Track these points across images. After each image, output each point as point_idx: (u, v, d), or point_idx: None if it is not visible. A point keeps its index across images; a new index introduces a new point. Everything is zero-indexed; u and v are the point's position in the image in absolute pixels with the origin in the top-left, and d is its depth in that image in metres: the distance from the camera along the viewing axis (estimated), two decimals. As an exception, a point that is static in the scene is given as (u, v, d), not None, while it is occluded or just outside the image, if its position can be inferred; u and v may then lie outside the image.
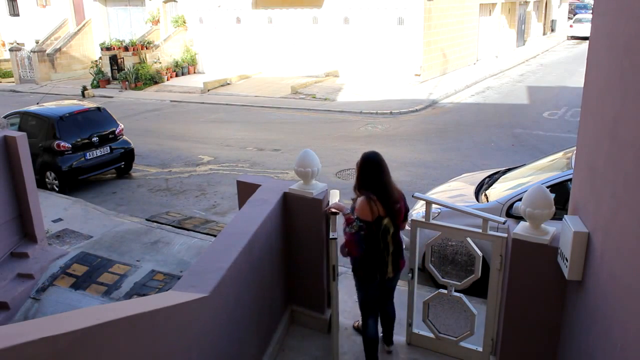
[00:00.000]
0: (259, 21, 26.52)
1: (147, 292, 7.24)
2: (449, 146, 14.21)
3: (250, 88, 24.09)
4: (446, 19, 24.65)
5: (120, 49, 27.04)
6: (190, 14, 28.44)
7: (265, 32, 26.47)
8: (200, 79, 25.74)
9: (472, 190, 7.59)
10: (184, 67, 28.29)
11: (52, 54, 30.29)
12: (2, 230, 7.88)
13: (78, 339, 2.78)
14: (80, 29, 31.74)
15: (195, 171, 13.01)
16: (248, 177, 6.62)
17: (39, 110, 13.05)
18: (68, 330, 2.75)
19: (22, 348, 2.50)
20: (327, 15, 24.75)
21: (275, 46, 26.33)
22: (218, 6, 27.24)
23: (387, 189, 4.84)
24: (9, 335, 2.64)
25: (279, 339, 5.53)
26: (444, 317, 5.30)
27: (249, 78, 26.35)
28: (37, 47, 30.32)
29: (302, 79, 24.58)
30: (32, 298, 7.51)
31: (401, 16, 23.11)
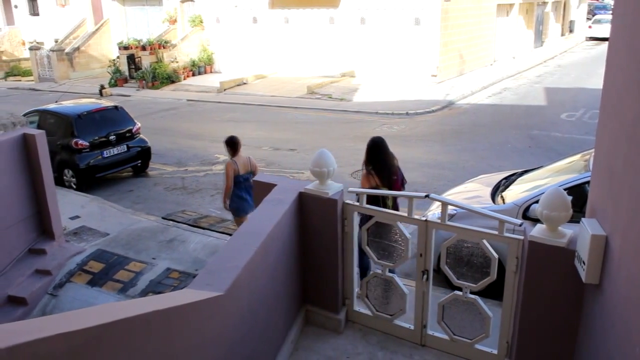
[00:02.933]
0: (275, 21, 26.57)
1: (163, 290, 7.29)
2: (465, 147, 14.14)
3: (266, 88, 24.14)
4: (463, 20, 24.52)
5: (138, 48, 27.22)
6: (207, 14, 28.56)
7: (281, 32, 26.50)
8: (217, 79, 25.84)
9: (489, 192, 7.55)
10: (200, 66, 28.42)
11: (71, 53, 30.58)
12: (21, 227, 7.96)
13: (94, 336, 2.80)
14: (99, 28, 32.01)
15: (211, 170, 13.07)
16: (264, 176, 6.63)
17: (57, 109, 13.18)
18: (84, 327, 2.78)
19: (39, 344, 2.53)
20: (344, 15, 24.73)
21: (292, 46, 26.36)
22: (235, 6, 27.33)
23: (384, 165, 6.34)
24: (26, 331, 2.67)
25: (294, 338, 5.54)
26: (458, 319, 5.28)
27: (265, 78, 26.41)
28: (56, 46, 30.62)
29: (318, 79, 24.58)
30: (49, 294, 7.59)
31: (418, 16, 23.03)
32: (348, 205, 5.48)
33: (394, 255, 5.46)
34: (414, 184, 11.12)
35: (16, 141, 7.87)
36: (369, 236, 5.52)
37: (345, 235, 5.54)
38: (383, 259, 5.51)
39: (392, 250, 5.46)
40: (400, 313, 5.58)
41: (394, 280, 5.52)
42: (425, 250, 5.16)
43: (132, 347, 3.10)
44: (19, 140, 7.91)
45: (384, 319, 5.69)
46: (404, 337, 5.59)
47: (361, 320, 5.86)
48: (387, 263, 5.48)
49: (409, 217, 5.17)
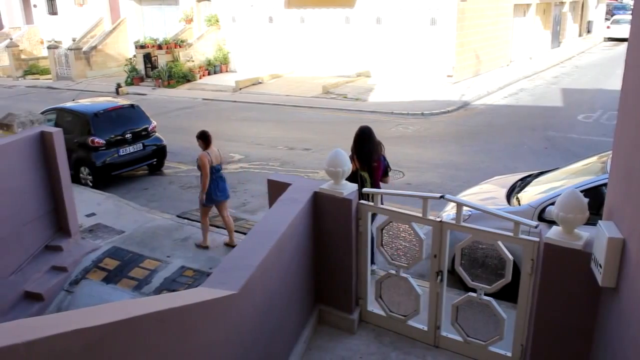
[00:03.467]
0: (291, 20, 26.59)
1: (177, 287, 7.33)
2: (480, 148, 14.07)
3: (281, 87, 24.17)
4: (480, 20, 24.38)
5: (154, 47, 27.37)
6: (223, 13, 28.66)
7: (297, 31, 26.52)
8: (232, 78, 25.91)
9: (504, 193, 7.50)
10: (216, 65, 28.51)
11: (88, 52, 30.84)
12: (38, 224, 8.05)
13: (109, 333, 2.83)
14: (116, 27, 32.25)
15: (226, 169, 13.06)
16: (279, 175, 6.65)
17: (74, 107, 13.30)
18: (100, 323, 2.80)
19: (56, 339, 2.56)
20: (360, 15, 24.69)
21: (307, 46, 26.37)
22: (251, 5, 27.40)
23: (366, 152, 6.92)
24: (43, 326, 2.70)
25: (307, 337, 5.54)
26: (472, 321, 5.25)
27: (281, 77, 26.44)
28: (73, 45, 30.89)
29: (333, 78, 24.57)
30: (65, 290, 7.67)
31: (434, 16, 22.94)
32: (362, 205, 5.48)
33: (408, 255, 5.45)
34: (428, 185, 11.08)
35: (34, 139, 7.96)
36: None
37: (360, 235, 5.54)
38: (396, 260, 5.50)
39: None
40: (414, 314, 5.57)
41: (409, 280, 5.51)
42: (439, 251, 5.15)
43: (147, 345, 3.12)
44: (37, 138, 8.01)
45: (398, 319, 5.68)
46: (418, 338, 5.58)
47: (375, 321, 5.85)
48: (401, 264, 5.47)
49: (424, 218, 5.16)
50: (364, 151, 6.91)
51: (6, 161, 7.47)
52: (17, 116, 9.75)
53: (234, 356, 4.04)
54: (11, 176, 7.51)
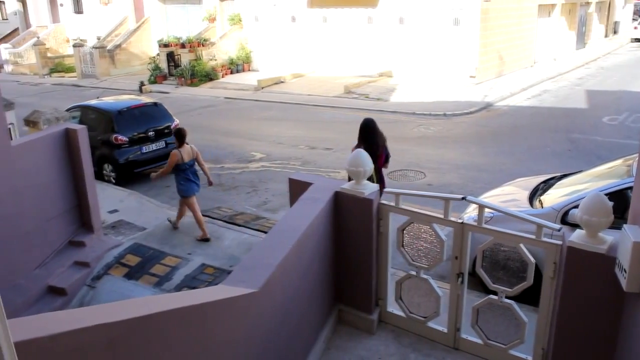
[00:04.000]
0: (313, 20, 26.61)
1: (197, 285, 7.38)
2: (502, 150, 13.95)
3: (303, 86, 24.20)
4: (503, 20, 24.17)
5: (177, 46, 27.56)
6: (246, 12, 28.77)
7: (319, 31, 26.53)
8: (254, 77, 26.00)
9: (526, 196, 7.44)
10: (238, 64, 28.63)
11: (112, 50, 31.18)
12: (62, 219, 8.16)
13: (131, 328, 2.86)
14: (140, 26, 32.56)
15: (248, 168, 13.17)
16: (300, 175, 6.67)
17: (98, 105, 13.46)
18: (122, 319, 2.84)
19: (80, 333, 2.60)
20: (382, 15, 24.63)
21: (329, 45, 26.36)
22: (274, 5, 27.47)
23: (371, 142, 7.64)
24: (68, 321, 2.75)
25: (326, 337, 5.55)
26: (493, 324, 5.22)
27: (303, 76, 26.47)
28: (98, 44, 31.25)
29: (355, 78, 24.53)
30: (87, 285, 7.76)
31: (457, 17, 22.80)
32: (384, 206, 5.47)
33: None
34: (449, 186, 11.03)
35: (59, 136, 8.07)
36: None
37: (380, 235, 5.53)
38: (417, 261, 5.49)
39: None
40: (434, 315, 5.55)
41: (429, 282, 5.49)
42: (460, 253, 5.12)
43: (168, 341, 3.15)
44: (62, 134, 8.11)
45: (418, 320, 5.66)
46: (437, 340, 5.56)
47: (394, 322, 5.84)
48: (421, 265, 5.45)
49: (445, 219, 5.13)
50: (370, 141, 7.71)
51: (32, 157, 7.58)
52: (43, 113, 9.93)
53: (254, 354, 4.06)
54: (37, 172, 7.62)
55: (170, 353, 3.18)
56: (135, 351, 2.93)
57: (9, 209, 6.91)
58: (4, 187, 6.82)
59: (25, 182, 7.32)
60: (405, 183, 11.49)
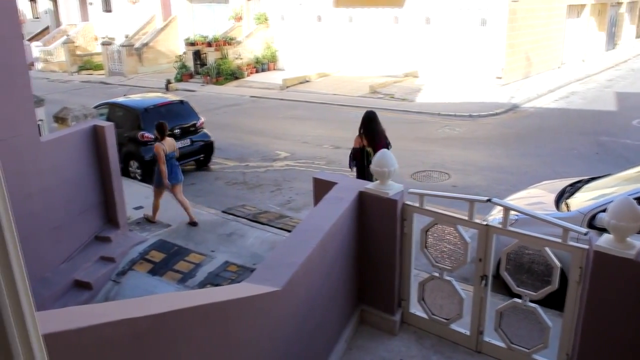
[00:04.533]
0: (339, 20, 26.61)
1: (220, 282, 7.43)
2: (528, 152, 13.81)
3: (328, 86, 24.22)
4: (531, 20, 23.91)
5: (204, 45, 27.77)
6: (272, 12, 28.88)
7: (345, 30, 26.52)
8: (280, 76, 26.08)
9: (552, 199, 7.36)
10: (264, 63, 28.75)
11: (140, 48, 31.53)
12: (88, 215, 8.28)
13: (156, 323, 2.90)
14: (167, 24, 32.86)
15: (272, 166, 13.22)
16: (324, 174, 6.67)
17: (125, 102, 13.61)
18: (147, 314, 2.87)
19: (105, 327, 2.64)
20: (408, 15, 24.54)
21: (355, 45, 26.34)
22: (300, 4, 27.53)
23: (372, 132, 8.25)
24: (93, 315, 2.79)
25: (348, 337, 5.55)
26: (516, 327, 5.17)
27: (328, 76, 26.49)
28: (126, 42, 31.61)
29: (380, 78, 24.48)
30: (112, 280, 7.86)
31: (484, 17, 22.62)
32: (408, 207, 5.45)
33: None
34: (474, 188, 10.95)
35: (87, 132, 8.19)
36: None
37: (404, 236, 5.52)
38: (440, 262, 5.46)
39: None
40: (457, 318, 5.51)
41: (452, 284, 5.46)
42: (485, 255, 5.08)
43: (191, 337, 3.18)
44: (90, 131, 8.23)
45: (440, 322, 5.63)
46: (459, 343, 5.52)
47: (416, 323, 5.82)
48: (445, 266, 5.42)
49: (470, 221, 5.10)
50: (371, 130, 8.31)
51: (60, 153, 7.70)
52: (72, 110, 10.07)
53: (276, 352, 4.08)
54: (65, 168, 7.74)
55: (193, 349, 3.21)
56: (159, 346, 2.96)
57: (38, 205, 7.02)
58: (34, 183, 6.94)
59: (54, 178, 7.44)
60: (429, 184, 11.44)
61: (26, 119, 6.83)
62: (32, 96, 7.19)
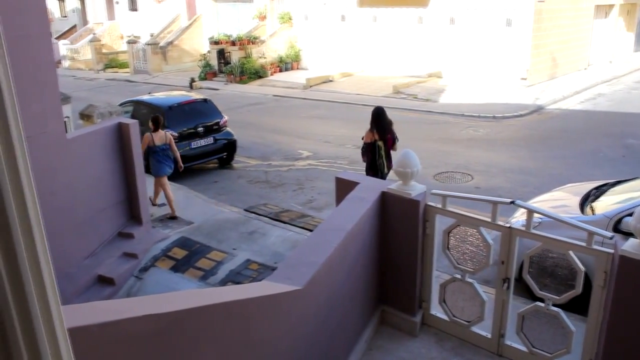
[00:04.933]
0: (363, 19, 26.55)
1: (242, 280, 7.46)
2: (553, 154, 13.65)
3: (351, 86, 24.18)
4: (557, 21, 23.61)
5: (228, 44, 27.90)
6: (296, 11, 28.92)
7: (369, 30, 26.46)
8: (303, 75, 26.10)
9: (577, 202, 7.27)
10: (287, 62, 28.79)
11: (165, 47, 31.78)
12: (112, 211, 8.38)
13: (178, 320, 2.92)
14: (191, 23, 33.09)
15: (294, 165, 13.24)
16: (347, 174, 6.67)
17: (150, 100, 13.73)
18: (169, 310, 2.89)
19: (127, 323, 2.66)
20: (433, 15, 24.40)
21: (379, 45, 26.26)
22: (324, 4, 27.53)
23: (382, 127, 8.80)
24: (116, 310, 2.82)
25: (368, 337, 5.54)
26: (538, 331, 5.12)
27: (351, 76, 26.45)
28: (151, 40, 31.92)
29: (404, 78, 24.37)
30: (135, 276, 7.94)
31: (509, 17, 22.40)
32: (430, 208, 5.42)
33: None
34: (497, 189, 10.85)
35: (112, 130, 8.28)
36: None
37: (426, 237, 5.49)
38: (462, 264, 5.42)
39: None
40: (478, 320, 5.48)
41: (474, 286, 5.42)
42: (507, 257, 5.04)
43: (212, 334, 3.20)
44: (115, 128, 8.33)
45: (461, 325, 5.60)
46: (480, 345, 5.48)
47: (437, 325, 5.79)
48: (467, 268, 5.39)
49: (493, 223, 5.06)
50: (381, 125, 8.84)
51: (86, 150, 7.80)
52: (97, 107, 10.20)
53: (296, 351, 4.09)
54: (90, 164, 7.84)
55: (214, 346, 3.23)
56: (181, 343, 2.98)
57: (63, 200, 7.12)
58: (59, 179, 7.04)
59: (79, 174, 7.54)
60: (452, 185, 11.37)
61: (53, 116, 6.93)
62: (59, 93, 7.30)
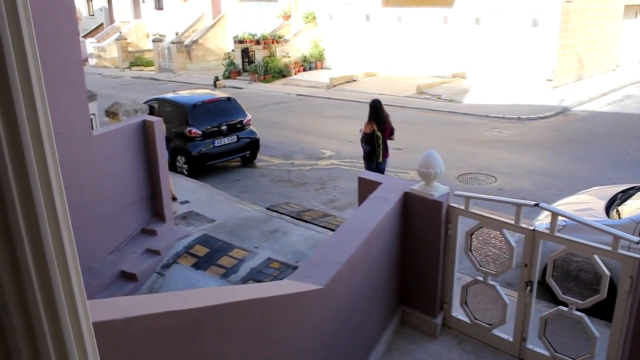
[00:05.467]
0: (387, 19, 26.47)
1: (263, 278, 7.49)
2: (578, 156, 13.47)
3: (375, 85, 24.12)
4: (585, 21, 23.28)
5: (252, 43, 28.03)
6: (320, 11, 28.93)
7: (393, 30, 26.37)
8: (327, 75, 26.11)
9: (602, 205, 7.17)
10: (311, 62, 28.82)
11: (189, 46, 32.03)
12: (136, 208, 8.46)
13: (199, 317, 2.94)
14: (216, 22, 33.31)
15: (317, 165, 13.25)
16: (369, 174, 6.68)
17: (174, 98, 13.87)
18: (191, 307, 2.92)
19: (150, 318, 2.69)
20: (458, 15, 24.24)
21: (403, 45, 26.16)
22: (348, 3, 27.51)
23: (380, 118, 9.83)
24: (139, 305, 2.85)
25: (388, 338, 5.53)
26: (561, 336, 5.05)
27: (375, 76, 26.39)
28: (176, 39, 32.20)
29: (428, 78, 24.25)
30: (157, 273, 8.02)
31: (536, 17, 22.15)
32: (453, 209, 5.39)
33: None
34: (521, 191, 10.75)
35: (137, 127, 8.37)
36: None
37: (448, 238, 5.46)
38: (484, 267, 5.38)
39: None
40: (500, 323, 5.43)
41: (496, 288, 5.37)
42: (530, 260, 4.99)
43: (233, 331, 3.22)
44: (140, 126, 8.41)
45: (482, 327, 5.56)
46: (501, 349, 5.44)
47: (458, 327, 5.76)
48: (489, 271, 5.34)
49: (516, 226, 5.01)
50: (379, 117, 9.83)
51: (111, 147, 7.89)
52: (123, 105, 10.31)
53: (316, 350, 4.10)
54: (115, 161, 7.93)
55: (235, 344, 3.25)
56: (202, 340, 3.00)
57: (88, 196, 7.22)
58: (85, 175, 7.13)
59: (104, 170, 7.63)
60: (475, 187, 11.29)
61: (80, 113, 7.03)
62: (86, 91, 7.40)
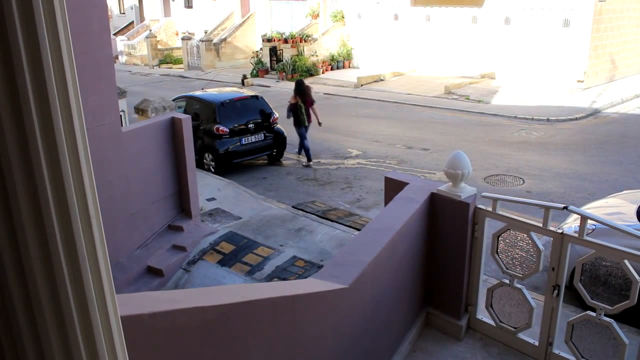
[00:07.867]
0: (416, 19, 26.34)
1: (287, 276, 7.51)
2: (609, 159, 13.25)
3: (403, 85, 24.03)
4: (618, 21, 22.87)
5: (280, 41, 28.12)
6: (348, 9, 28.90)
7: (422, 29, 26.23)
8: (354, 74, 26.08)
9: (633, 209, 7.04)
10: (339, 61, 28.81)
11: (218, 44, 32.26)
12: (163, 204, 8.56)
13: (224, 313, 2.96)
14: (245, 21, 33.49)
15: (343, 164, 13.25)
16: (396, 174, 6.65)
17: (203, 96, 13.97)
18: (217, 303, 2.94)
19: (177, 314, 2.72)
20: (487, 15, 24.00)
21: (431, 44, 26.01)
22: (377, 2, 27.43)
23: (302, 93, 13.15)
24: (166, 300, 2.89)
25: (412, 339, 5.51)
26: (589, 342, 4.97)
27: (403, 75, 26.28)
28: (205, 37, 32.44)
29: (456, 79, 24.07)
30: (183, 269, 8.10)
31: (567, 17, 21.82)
32: (480, 210, 5.35)
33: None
34: (549, 194, 10.62)
35: (165, 124, 8.46)
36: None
37: (475, 240, 5.42)
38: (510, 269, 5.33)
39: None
40: (526, 327, 5.37)
41: (522, 292, 5.32)
42: (558, 264, 4.92)
43: (258, 329, 3.24)
44: (168, 123, 8.50)
45: (507, 331, 5.50)
46: (527, 353, 5.38)
47: (483, 330, 5.71)
48: (515, 274, 5.29)
49: (544, 228, 4.95)
50: (302, 92, 13.09)
51: (140, 143, 8.00)
52: (152, 102, 10.43)
53: (340, 349, 4.10)
54: (144, 157, 8.04)
55: (260, 341, 3.26)
56: (227, 336, 3.03)
57: (118, 191, 7.32)
58: (115, 170, 7.24)
59: (133, 166, 7.73)
60: (503, 188, 11.18)
61: (110, 110, 7.13)
62: (116, 88, 7.50)
